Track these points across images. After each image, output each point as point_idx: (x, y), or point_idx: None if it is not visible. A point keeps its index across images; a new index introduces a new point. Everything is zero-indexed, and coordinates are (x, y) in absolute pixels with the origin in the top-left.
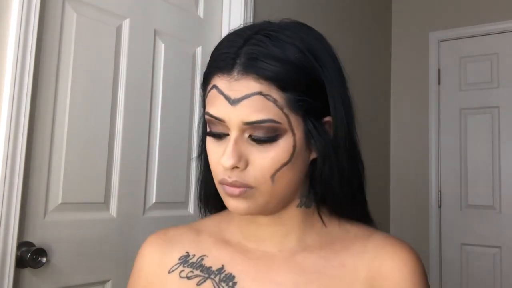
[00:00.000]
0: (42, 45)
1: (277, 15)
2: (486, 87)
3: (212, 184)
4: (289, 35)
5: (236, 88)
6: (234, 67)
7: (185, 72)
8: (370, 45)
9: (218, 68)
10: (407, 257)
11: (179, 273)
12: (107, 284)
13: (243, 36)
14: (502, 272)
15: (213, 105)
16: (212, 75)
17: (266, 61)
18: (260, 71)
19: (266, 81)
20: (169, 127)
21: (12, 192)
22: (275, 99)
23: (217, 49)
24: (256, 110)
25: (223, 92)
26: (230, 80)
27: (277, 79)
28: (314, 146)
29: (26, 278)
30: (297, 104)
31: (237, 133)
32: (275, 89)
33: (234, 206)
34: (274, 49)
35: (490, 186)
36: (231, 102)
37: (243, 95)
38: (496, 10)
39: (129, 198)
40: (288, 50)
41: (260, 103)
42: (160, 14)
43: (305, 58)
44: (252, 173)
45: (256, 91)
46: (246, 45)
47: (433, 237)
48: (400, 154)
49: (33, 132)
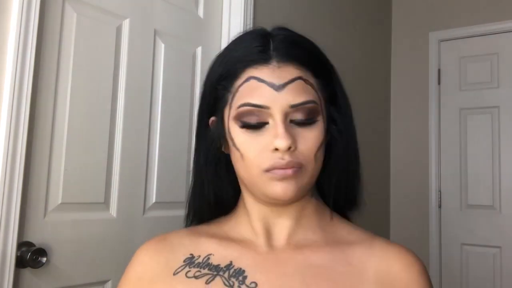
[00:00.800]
0: (42, 45)
1: (277, 15)
2: (486, 87)
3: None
4: (301, 35)
5: (278, 75)
6: (272, 58)
7: (185, 72)
8: (370, 45)
9: (252, 60)
10: (412, 259)
11: (186, 273)
12: (107, 284)
13: (260, 33)
14: (502, 272)
15: (253, 96)
16: (243, 69)
17: (298, 50)
18: (298, 58)
19: (303, 67)
20: (169, 127)
21: (12, 192)
22: (312, 84)
23: (238, 48)
24: (300, 93)
25: (266, 80)
26: (271, 69)
27: (311, 65)
28: (332, 129)
29: (26, 278)
30: (326, 89)
31: (282, 116)
32: (311, 75)
33: (284, 190)
34: (300, 39)
35: (490, 186)
36: (275, 88)
37: (287, 80)
38: (496, 10)
39: (129, 198)
40: (309, 43)
41: (302, 87)
42: (160, 14)
43: (321, 52)
44: (301, 153)
45: (297, 76)
46: (271, 40)
47: (433, 237)
48: (400, 154)
49: (33, 132)
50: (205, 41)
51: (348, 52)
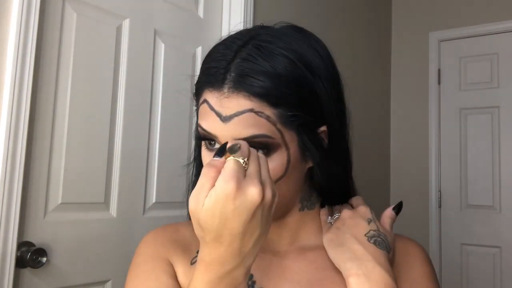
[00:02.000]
0: (42, 45)
1: (277, 15)
2: (486, 87)
3: None
4: (280, 46)
5: (227, 105)
6: (225, 83)
7: (185, 72)
8: (370, 45)
9: (208, 82)
10: (419, 250)
11: None
12: (107, 284)
13: (232, 47)
14: (502, 272)
15: (205, 120)
16: (203, 89)
17: (256, 77)
18: (251, 88)
19: (257, 98)
20: (169, 127)
21: (12, 192)
22: (267, 116)
23: (207, 62)
24: (248, 126)
25: (214, 109)
26: (221, 97)
27: (269, 95)
28: (309, 158)
29: (26, 278)
30: (290, 119)
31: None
32: (267, 106)
33: None
34: (264, 63)
35: (490, 186)
36: (222, 119)
37: (234, 112)
38: (496, 10)
39: (129, 198)
40: (279, 64)
41: (251, 120)
42: (160, 14)
43: (297, 70)
44: None
45: (248, 108)
46: (236, 58)
47: (433, 237)
48: (400, 154)
49: (33, 132)
50: (205, 41)
51: (348, 52)
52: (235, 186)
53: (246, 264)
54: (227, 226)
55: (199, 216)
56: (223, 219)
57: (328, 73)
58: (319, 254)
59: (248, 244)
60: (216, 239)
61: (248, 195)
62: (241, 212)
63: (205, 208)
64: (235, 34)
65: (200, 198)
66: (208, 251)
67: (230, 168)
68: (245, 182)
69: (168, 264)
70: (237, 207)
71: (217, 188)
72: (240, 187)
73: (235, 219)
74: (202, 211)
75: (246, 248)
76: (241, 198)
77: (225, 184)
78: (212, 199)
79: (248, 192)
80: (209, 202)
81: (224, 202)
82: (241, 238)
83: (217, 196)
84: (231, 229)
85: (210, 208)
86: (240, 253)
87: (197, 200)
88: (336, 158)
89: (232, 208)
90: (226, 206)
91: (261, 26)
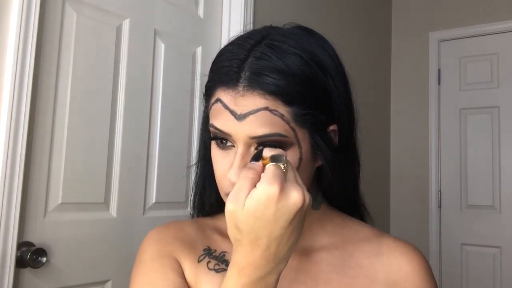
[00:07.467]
0: (42, 45)
1: (277, 15)
2: (486, 87)
3: (210, 190)
4: (292, 45)
5: (242, 104)
6: (239, 82)
7: (185, 72)
8: (370, 45)
9: (221, 81)
10: (420, 258)
11: (207, 263)
12: (107, 284)
13: (245, 47)
14: (502, 272)
15: (218, 119)
16: (215, 88)
17: (271, 75)
18: (266, 87)
19: (272, 96)
20: (169, 127)
21: (12, 192)
22: (281, 114)
23: (219, 62)
24: (263, 125)
25: (229, 107)
26: (236, 95)
27: (283, 93)
28: (320, 156)
29: (26, 278)
30: (303, 118)
31: (243, 147)
32: (281, 104)
33: None
34: (278, 62)
35: (490, 186)
36: (237, 117)
37: (249, 110)
38: (496, 10)
39: (129, 198)
40: (293, 62)
41: (266, 118)
42: (160, 14)
43: (310, 69)
44: None
45: (262, 106)
46: (249, 57)
47: (433, 237)
48: (400, 154)
49: (33, 132)
50: (205, 41)
51: (348, 52)
52: (278, 188)
53: (279, 269)
54: (267, 229)
55: (238, 217)
56: (264, 221)
57: (338, 72)
58: (324, 256)
59: (284, 248)
60: (253, 241)
61: (291, 198)
62: (282, 215)
63: (246, 209)
64: (245, 34)
65: (240, 198)
66: (244, 255)
67: (273, 171)
68: (288, 186)
69: (175, 262)
70: (279, 209)
71: (259, 190)
72: (284, 190)
73: (276, 222)
74: (243, 212)
75: (281, 253)
76: (284, 201)
77: (268, 186)
78: (254, 200)
79: (291, 195)
80: (250, 203)
81: (267, 203)
82: (279, 242)
83: (259, 197)
84: (271, 232)
85: (251, 209)
86: (275, 258)
87: (237, 201)
88: (346, 157)
89: (274, 210)
90: (268, 208)
91: (271, 27)
